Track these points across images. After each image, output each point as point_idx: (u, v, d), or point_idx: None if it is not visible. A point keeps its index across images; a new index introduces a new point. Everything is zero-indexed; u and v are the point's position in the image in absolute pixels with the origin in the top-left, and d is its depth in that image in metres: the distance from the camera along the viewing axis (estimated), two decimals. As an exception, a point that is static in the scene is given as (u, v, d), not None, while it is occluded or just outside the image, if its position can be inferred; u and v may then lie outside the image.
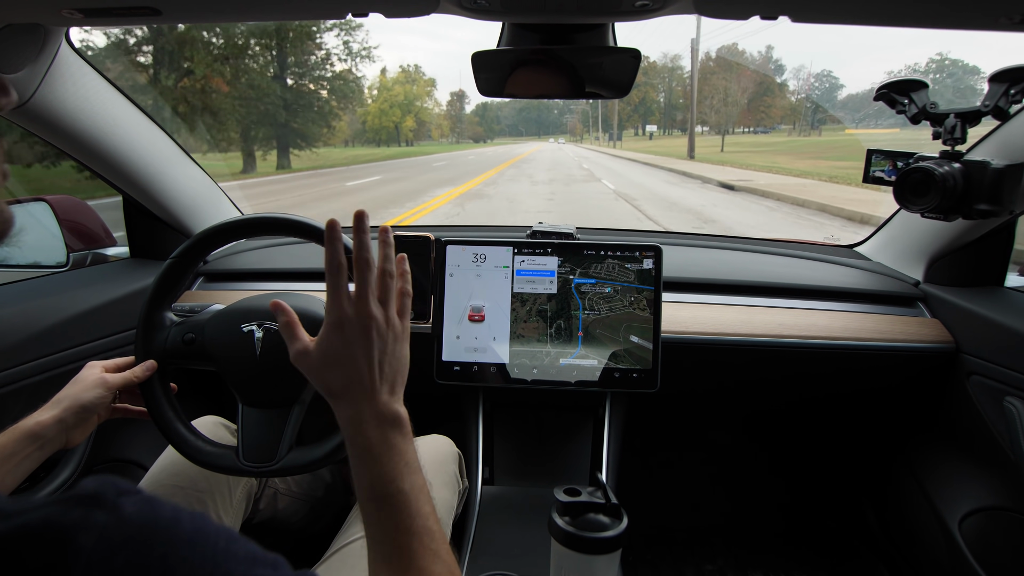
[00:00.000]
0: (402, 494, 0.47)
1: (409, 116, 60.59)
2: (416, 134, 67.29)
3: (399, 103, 59.11)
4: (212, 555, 0.29)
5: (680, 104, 72.66)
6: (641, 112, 79.22)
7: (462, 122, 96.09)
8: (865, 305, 1.21)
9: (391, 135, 59.28)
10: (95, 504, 0.27)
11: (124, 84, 1.10)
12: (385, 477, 0.48)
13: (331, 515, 1.12)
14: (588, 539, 0.60)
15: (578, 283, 1.04)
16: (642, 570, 1.39)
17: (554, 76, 0.87)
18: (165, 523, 0.28)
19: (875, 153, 0.90)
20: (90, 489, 0.28)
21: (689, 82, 68.86)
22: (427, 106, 69.55)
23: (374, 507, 0.48)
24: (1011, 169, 0.78)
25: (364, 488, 0.49)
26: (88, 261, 1.26)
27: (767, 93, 63.12)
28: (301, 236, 0.81)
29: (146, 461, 1.04)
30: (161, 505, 0.29)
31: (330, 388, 0.50)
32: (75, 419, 0.70)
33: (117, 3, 0.67)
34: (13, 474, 0.65)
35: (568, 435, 1.18)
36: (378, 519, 0.47)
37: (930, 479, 1.19)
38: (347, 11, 0.72)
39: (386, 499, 0.47)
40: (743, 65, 66.33)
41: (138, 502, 0.28)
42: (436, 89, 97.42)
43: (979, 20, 0.70)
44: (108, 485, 0.29)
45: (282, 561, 0.32)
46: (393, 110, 57.87)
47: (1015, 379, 0.98)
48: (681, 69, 77.77)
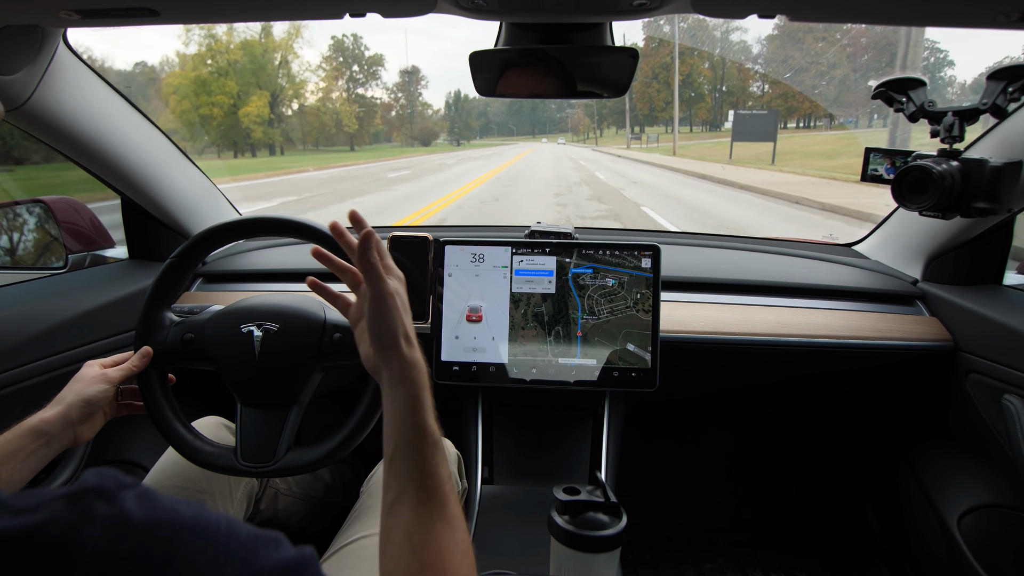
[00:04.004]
0: (435, 433, 0.54)
1: (255, 97, 35.31)
2: (359, 135, 47.67)
3: (222, 73, 34.22)
4: (214, 537, 0.30)
5: (736, 87, 49.41)
6: (685, 98, 51.23)
7: (412, 115, 64.95)
8: (864, 304, 1.21)
9: (327, 137, 42.45)
10: (98, 497, 0.28)
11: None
12: (424, 410, 0.54)
13: (331, 515, 1.12)
14: (587, 538, 0.60)
15: (576, 273, 1.04)
16: (642, 569, 1.39)
17: (552, 76, 0.87)
18: (166, 512, 0.30)
19: (873, 151, 0.90)
20: (92, 483, 0.29)
21: (752, 54, 48.12)
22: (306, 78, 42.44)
23: (417, 439, 0.53)
24: (1009, 167, 0.78)
25: (406, 423, 0.54)
26: (87, 263, 1.26)
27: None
28: (300, 236, 0.81)
29: (147, 462, 1.04)
30: (158, 497, 0.30)
31: (381, 343, 0.58)
32: (80, 414, 0.70)
33: (115, 4, 0.68)
34: (20, 471, 0.65)
35: (567, 434, 1.18)
36: (416, 455, 0.52)
37: (929, 477, 1.19)
38: (345, 11, 0.72)
39: (427, 433, 0.53)
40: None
41: (137, 495, 0.30)
42: (385, 69, 60.92)
43: (977, 18, 0.71)
44: (109, 479, 0.30)
45: (282, 538, 0.33)
46: (217, 86, 33.36)
47: (1014, 377, 0.98)
48: (742, 30, 50.53)
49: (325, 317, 0.79)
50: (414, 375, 0.56)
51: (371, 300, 0.57)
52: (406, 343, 0.57)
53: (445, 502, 0.51)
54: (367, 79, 55.14)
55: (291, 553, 0.33)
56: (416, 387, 0.55)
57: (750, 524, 1.55)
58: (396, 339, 0.57)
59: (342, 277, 0.66)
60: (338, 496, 1.18)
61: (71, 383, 0.73)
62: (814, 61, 39.00)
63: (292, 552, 0.33)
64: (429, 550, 0.48)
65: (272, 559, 0.31)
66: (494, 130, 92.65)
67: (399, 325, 0.58)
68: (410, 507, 0.50)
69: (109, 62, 37.90)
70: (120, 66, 43.23)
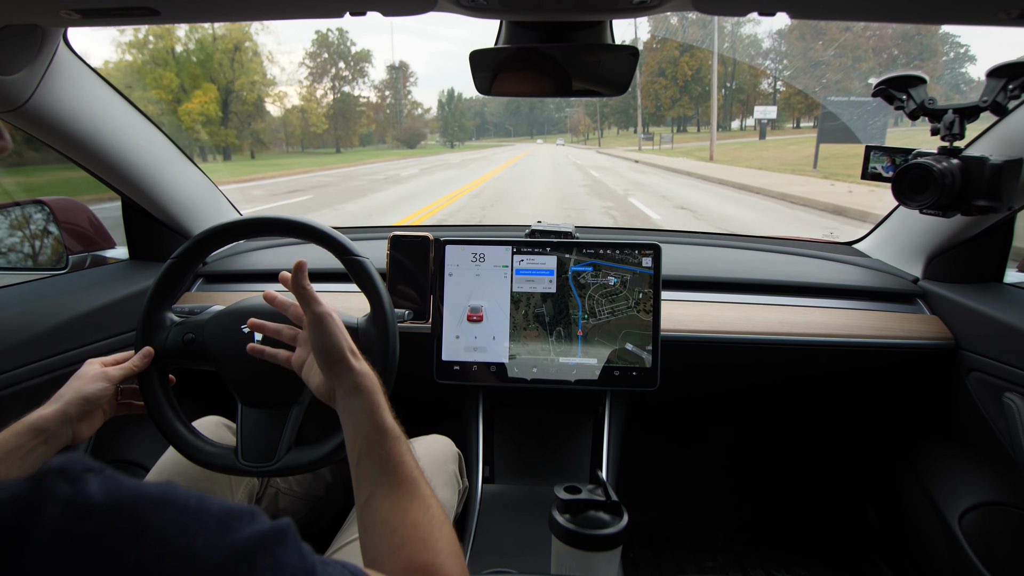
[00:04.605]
0: (395, 429, 0.57)
1: (200, 92, 29.76)
2: (342, 137, 45.40)
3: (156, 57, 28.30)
4: (182, 514, 0.29)
5: (747, 84, 45.44)
6: (695, 93, 47.43)
7: (400, 115, 61.25)
8: (864, 302, 1.21)
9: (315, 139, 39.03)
10: (60, 477, 0.28)
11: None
12: (381, 411, 0.58)
13: (332, 514, 1.12)
14: (589, 536, 0.60)
15: (577, 272, 1.04)
16: (643, 567, 1.39)
17: (553, 74, 0.87)
18: (130, 491, 0.29)
19: (873, 149, 0.90)
20: (55, 465, 0.29)
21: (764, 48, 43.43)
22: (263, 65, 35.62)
23: (378, 437, 0.56)
24: (1009, 165, 0.78)
25: (366, 426, 0.56)
26: (87, 263, 1.26)
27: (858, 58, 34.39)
28: (300, 236, 0.81)
29: (147, 462, 1.04)
30: (125, 479, 0.30)
31: (329, 360, 0.62)
32: (78, 412, 0.70)
33: (115, 4, 0.67)
34: (19, 468, 0.65)
35: (568, 433, 1.18)
36: (380, 450, 0.55)
37: (930, 475, 1.19)
38: (345, 10, 0.72)
39: (387, 430, 0.56)
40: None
41: (103, 478, 0.29)
42: (372, 66, 58.08)
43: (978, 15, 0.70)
44: (74, 462, 0.29)
45: (258, 512, 0.32)
46: (153, 78, 28.22)
47: (1014, 375, 0.98)
48: (755, 21, 42.97)
49: None
50: (366, 383, 0.59)
51: (311, 322, 0.61)
52: (352, 356, 0.61)
53: (415, 484, 0.53)
54: (354, 76, 52.90)
55: (266, 524, 0.32)
56: (369, 393, 0.59)
57: (751, 523, 1.55)
58: (343, 353, 0.60)
59: (286, 313, 0.73)
60: (339, 495, 1.18)
61: (71, 380, 0.73)
62: (840, 53, 34.19)
63: (268, 523, 0.32)
64: (406, 525, 0.50)
65: (245, 532, 0.30)
66: (491, 131, 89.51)
67: (343, 339, 0.61)
68: (382, 496, 0.52)
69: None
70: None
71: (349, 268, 0.78)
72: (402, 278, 1.11)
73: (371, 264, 0.79)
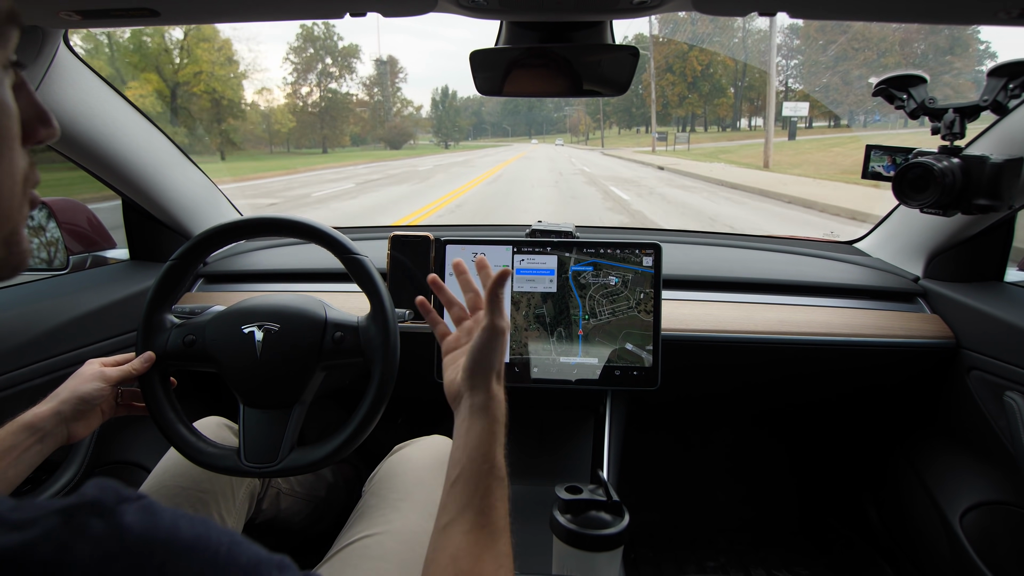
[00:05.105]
0: (502, 468, 0.57)
1: (136, 84, 25.22)
2: (329, 136, 43.19)
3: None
4: (213, 561, 0.28)
5: (759, 81, 39.95)
6: (704, 91, 44.14)
7: (387, 112, 57.68)
8: (865, 301, 1.21)
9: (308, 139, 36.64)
10: (94, 512, 0.27)
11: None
12: (497, 444, 0.58)
13: (334, 515, 1.12)
14: (590, 536, 0.60)
15: (577, 271, 1.04)
16: (644, 567, 1.39)
17: (553, 74, 0.87)
18: (164, 531, 0.28)
19: (874, 149, 0.90)
20: (90, 496, 0.28)
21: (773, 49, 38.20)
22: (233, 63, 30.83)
23: (484, 467, 0.55)
24: (1010, 164, 0.78)
25: (477, 451, 0.56)
26: (88, 264, 1.26)
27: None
28: (301, 237, 0.81)
29: (149, 462, 1.04)
30: (161, 512, 0.29)
31: (478, 369, 0.61)
32: (73, 411, 0.70)
33: (115, 5, 0.68)
34: (15, 468, 0.65)
35: (569, 433, 1.18)
36: (479, 481, 0.54)
37: (931, 474, 1.19)
38: (346, 11, 0.72)
39: (495, 466, 0.56)
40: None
41: (138, 509, 0.28)
42: (360, 62, 55.02)
43: (978, 14, 0.71)
44: (109, 491, 0.29)
45: (288, 562, 0.32)
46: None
47: (1015, 374, 0.98)
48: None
49: (326, 316, 0.79)
50: (496, 409, 0.59)
51: (486, 329, 0.59)
52: (496, 379, 0.61)
53: (498, 535, 0.52)
54: (341, 72, 49.89)
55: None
56: (495, 422, 0.59)
57: (752, 522, 1.55)
58: (491, 373, 0.60)
59: (449, 310, 0.72)
60: (340, 496, 1.18)
61: (69, 379, 0.74)
62: (862, 47, 32.39)
63: (297, 574, 0.31)
64: (472, 574, 0.48)
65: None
66: (488, 130, 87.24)
67: (498, 361, 0.61)
68: (462, 532, 0.51)
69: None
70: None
71: (349, 267, 0.78)
72: (402, 278, 1.11)
73: (371, 263, 0.79)
